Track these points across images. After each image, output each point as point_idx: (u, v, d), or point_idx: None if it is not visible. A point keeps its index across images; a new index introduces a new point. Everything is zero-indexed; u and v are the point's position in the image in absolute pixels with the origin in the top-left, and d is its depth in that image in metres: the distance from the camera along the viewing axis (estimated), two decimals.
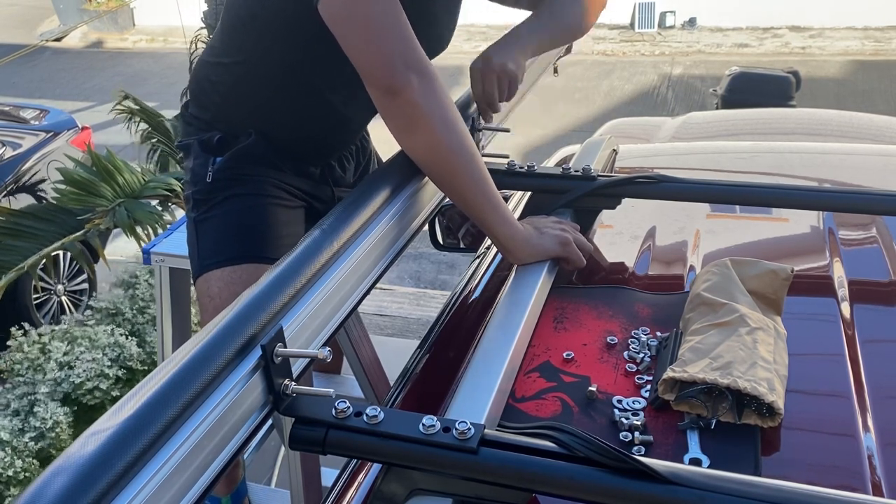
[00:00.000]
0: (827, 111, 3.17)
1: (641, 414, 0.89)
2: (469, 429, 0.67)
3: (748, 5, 9.83)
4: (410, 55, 1.04)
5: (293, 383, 0.77)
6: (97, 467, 0.57)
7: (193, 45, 3.58)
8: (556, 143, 5.29)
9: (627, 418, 0.88)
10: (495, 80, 1.27)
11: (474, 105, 1.34)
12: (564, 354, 1.01)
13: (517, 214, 1.43)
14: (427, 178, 1.14)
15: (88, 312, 3.44)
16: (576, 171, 1.26)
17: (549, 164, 1.65)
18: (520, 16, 1.36)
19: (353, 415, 0.70)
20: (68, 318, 3.33)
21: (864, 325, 1.06)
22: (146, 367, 3.12)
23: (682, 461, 0.82)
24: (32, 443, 2.63)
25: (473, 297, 1.25)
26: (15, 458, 2.53)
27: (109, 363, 3.02)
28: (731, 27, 9.97)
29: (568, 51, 1.89)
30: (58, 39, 11.66)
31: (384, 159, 1.21)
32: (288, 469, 1.77)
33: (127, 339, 3.14)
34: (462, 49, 9.95)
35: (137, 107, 3.29)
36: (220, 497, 1.77)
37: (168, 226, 2.99)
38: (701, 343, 0.93)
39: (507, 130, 1.42)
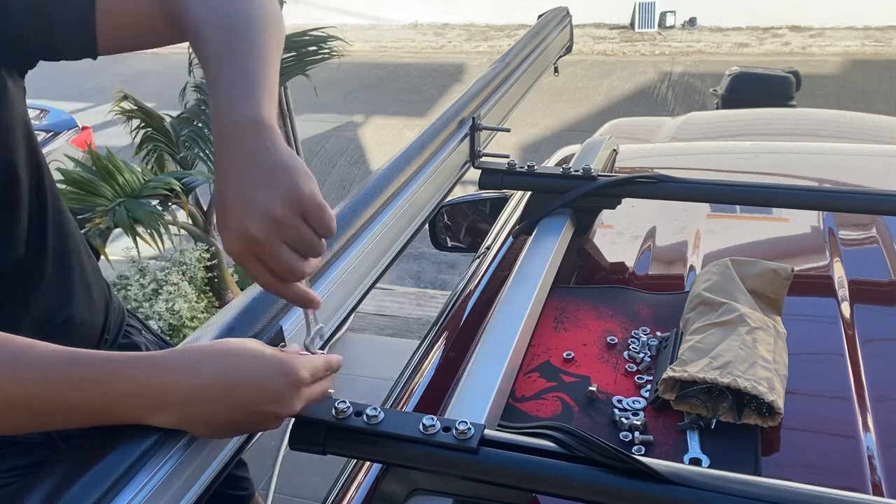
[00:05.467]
0: (827, 111, 3.17)
1: (641, 414, 0.89)
2: (469, 428, 0.68)
3: (748, 5, 9.83)
4: None
5: None
6: (97, 467, 0.57)
7: None
8: (556, 142, 5.30)
9: (627, 418, 0.88)
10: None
11: (473, 104, 1.32)
12: (564, 354, 1.01)
13: (517, 214, 1.43)
14: (427, 178, 1.13)
15: None
16: (576, 171, 1.26)
17: (549, 164, 1.65)
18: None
19: (353, 415, 0.70)
20: None
21: (864, 325, 1.06)
22: None
23: (682, 461, 0.82)
24: None
25: (473, 297, 1.25)
26: None
27: None
28: (731, 27, 9.97)
29: (568, 50, 1.89)
30: None
31: (383, 159, 1.20)
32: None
33: None
34: (462, 49, 9.95)
35: (136, 107, 3.29)
36: None
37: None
38: (701, 342, 0.93)
39: (507, 130, 1.41)
